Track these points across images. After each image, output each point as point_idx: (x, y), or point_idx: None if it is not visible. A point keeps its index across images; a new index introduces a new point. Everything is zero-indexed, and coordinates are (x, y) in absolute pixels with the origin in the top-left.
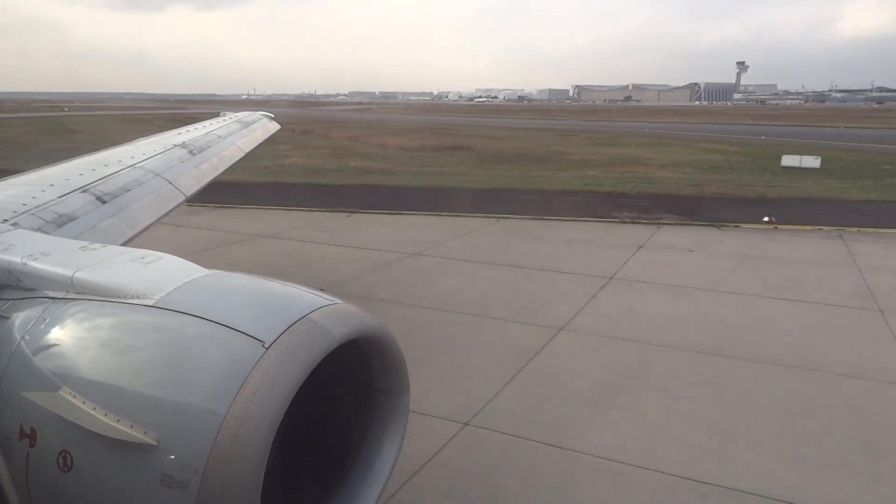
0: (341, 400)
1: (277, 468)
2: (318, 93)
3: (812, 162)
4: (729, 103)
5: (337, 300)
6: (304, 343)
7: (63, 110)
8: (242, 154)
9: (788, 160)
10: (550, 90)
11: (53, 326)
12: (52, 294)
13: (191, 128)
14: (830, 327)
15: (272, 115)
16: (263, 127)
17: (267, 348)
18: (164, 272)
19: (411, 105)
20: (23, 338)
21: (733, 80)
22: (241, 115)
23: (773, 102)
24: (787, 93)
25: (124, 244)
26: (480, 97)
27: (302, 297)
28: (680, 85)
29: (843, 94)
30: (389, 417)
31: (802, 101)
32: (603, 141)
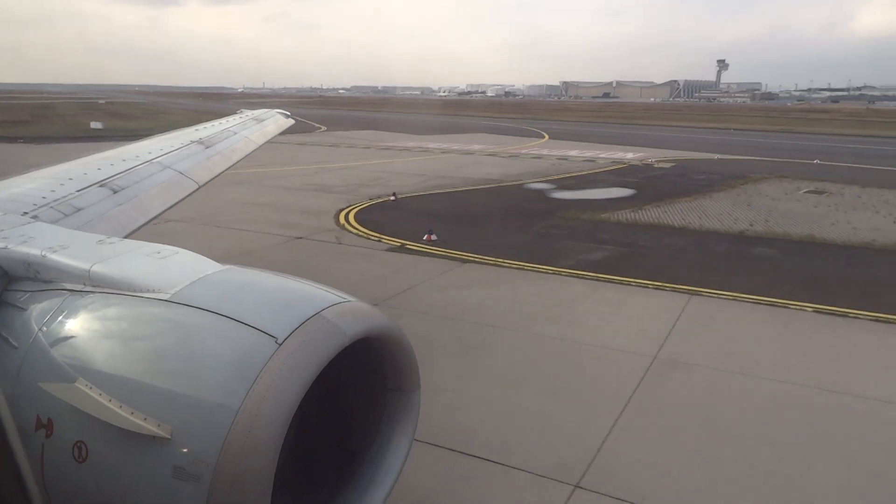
0: (352, 397)
1: (288, 463)
2: (323, 87)
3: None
4: (678, 100)
5: (350, 298)
6: (317, 340)
7: None
8: (255, 147)
9: (94, 124)
10: (547, 86)
11: (70, 319)
12: (69, 286)
13: (208, 124)
14: None
15: (287, 113)
16: (276, 122)
17: (280, 345)
18: (179, 267)
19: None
20: (41, 329)
21: (713, 78)
22: (258, 112)
23: (724, 100)
24: (759, 91)
25: (136, 230)
26: (441, 92)
27: (315, 294)
28: (664, 82)
29: (801, 93)
30: (400, 416)
31: (749, 100)
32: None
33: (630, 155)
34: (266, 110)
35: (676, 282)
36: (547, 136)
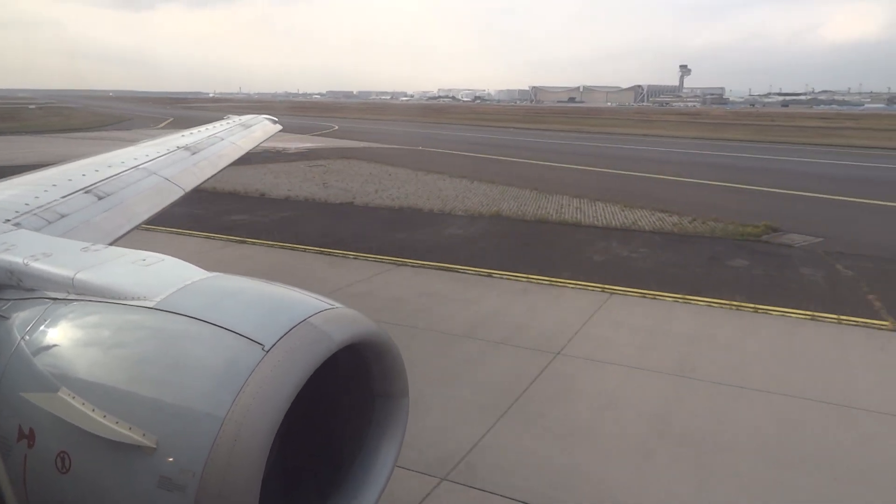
0: (340, 404)
1: (275, 472)
2: (299, 92)
3: None
4: (632, 104)
5: (337, 304)
6: (304, 347)
7: None
8: (242, 152)
9: None
10: (519, 91)
11: (53, 327)
12: (52, 295)
13: (194, 130)
14: None
15: (275, 119)
16: (264, 128)
17: (267, 352)
18: (164, 274)
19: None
20: (23, 338)
21: (677, 83)
22: (245, 118)
23: (677, 104)
24: (715, 95)
25: (122, 237)
26: (403, 97)
27: (302, 300)
28: (629, 87)
29: (753, 98)
30: (388, 422)
31: (700, 104)
32: None
33: (308, 144)
34: (253, 116)
35: None
36: (330, 131)
